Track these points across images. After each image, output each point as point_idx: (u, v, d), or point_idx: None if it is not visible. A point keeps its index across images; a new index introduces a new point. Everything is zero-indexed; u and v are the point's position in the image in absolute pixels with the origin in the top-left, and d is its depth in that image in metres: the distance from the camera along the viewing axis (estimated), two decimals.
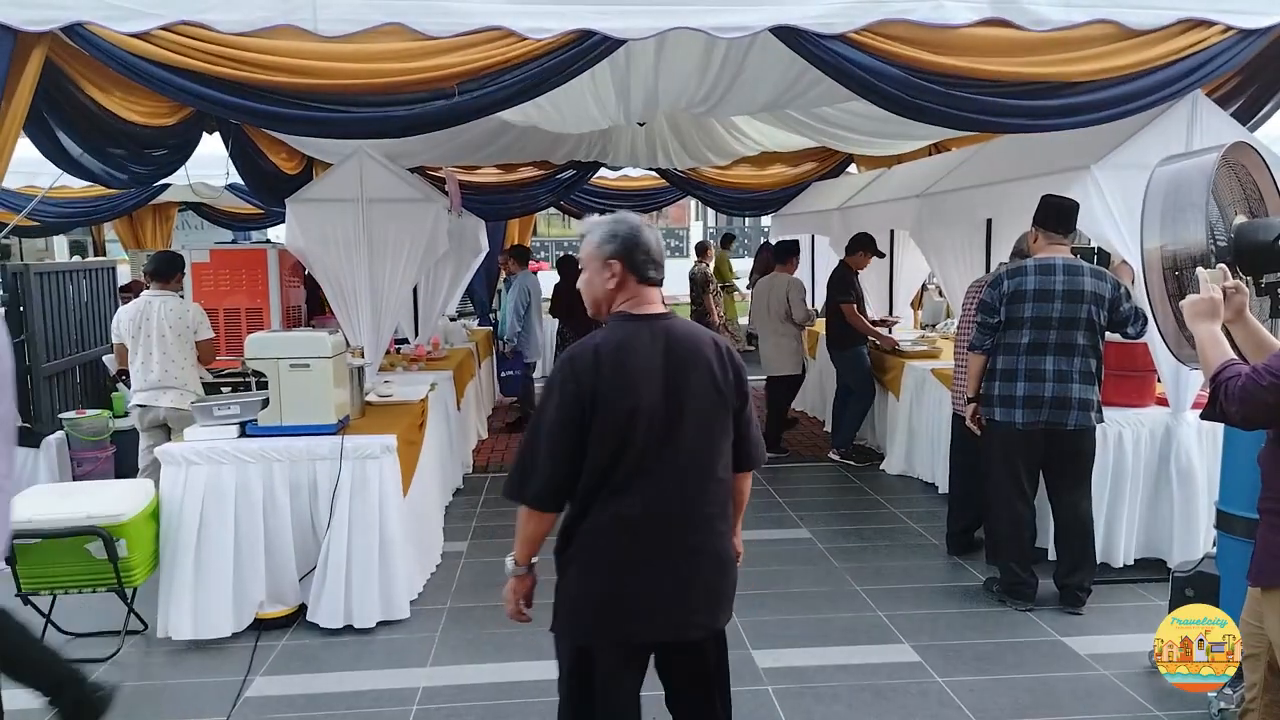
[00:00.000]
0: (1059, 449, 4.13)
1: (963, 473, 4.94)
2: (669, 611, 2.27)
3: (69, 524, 3.67)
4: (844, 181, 8.93)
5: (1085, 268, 4.07)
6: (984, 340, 4.21)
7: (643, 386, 2.17)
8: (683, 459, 2.22)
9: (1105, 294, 4.03)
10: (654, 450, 2.18)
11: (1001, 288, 4.12)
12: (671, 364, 2.21)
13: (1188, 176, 2.59)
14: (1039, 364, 4.06)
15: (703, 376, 2.24)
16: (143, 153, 4.78)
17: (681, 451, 2.21)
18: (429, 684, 3.60)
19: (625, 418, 2.15)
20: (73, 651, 3.91)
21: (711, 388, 2.25)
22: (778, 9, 3.66)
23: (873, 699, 3.46)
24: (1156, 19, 3.86)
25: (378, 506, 4.06)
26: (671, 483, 2.21)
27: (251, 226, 11.09)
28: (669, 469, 2.20)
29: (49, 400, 5.95)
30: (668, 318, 2.28)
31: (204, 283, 5.19)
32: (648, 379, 2.18)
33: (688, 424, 2.21)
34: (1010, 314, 4.10)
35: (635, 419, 2.15)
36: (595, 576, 2.28)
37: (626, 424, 2.15)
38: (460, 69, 3.63)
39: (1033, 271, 4.07)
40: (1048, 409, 4.06)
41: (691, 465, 2.23)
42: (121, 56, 3.52)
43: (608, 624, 2.28)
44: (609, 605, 2.27)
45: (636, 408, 2.15)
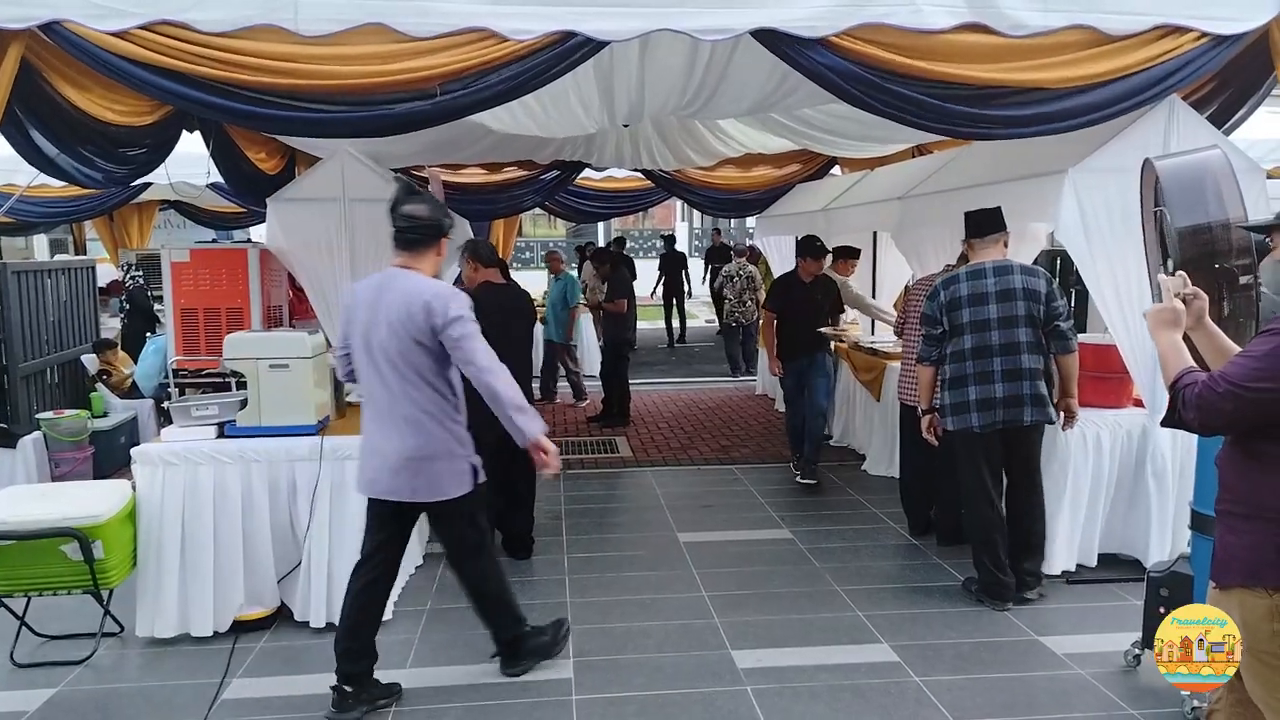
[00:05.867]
0: (1017, 444, 4.25)
1: (912, 459, 5.24)
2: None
3: (44, 525, 3.64)
4: (828, 183, 8.96)
5: (1015, 266, 4.22)
6: (930, 352, 4.36)
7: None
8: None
9: (1040, 289, 4.17)
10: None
11: (939, 299, 4.27)
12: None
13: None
14: (986, 366, 4.18)
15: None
16: (120, 152, 4.73)
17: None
18: (408, 685, 3.59)
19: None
20: (47, 654, 3.89)
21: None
22: (759, 12, 3.67)
23: (852, 698, 3.47)
24: (1133, 25, 3.89)
25: (357, 508, 4.04)
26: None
27: (233, 225, 11.02)
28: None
29: (26, 400, 5.90)
30: None
31: (184, 283, 5.13)
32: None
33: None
34: (951, 322, 4.24)
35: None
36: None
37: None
38: (442, 70, 3.62)
39: (965, 278, 4.24)
40: (1002, 409, 4.17)
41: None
42: (101, 55, 3.49)
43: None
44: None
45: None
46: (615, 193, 10.68)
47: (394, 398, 3.29)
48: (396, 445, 3.29)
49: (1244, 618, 2.08)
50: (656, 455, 7.35)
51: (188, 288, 5.15)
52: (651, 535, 5.34)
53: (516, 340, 4.97)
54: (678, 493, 6.31)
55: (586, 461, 7.26)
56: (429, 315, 3.20)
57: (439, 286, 3.32)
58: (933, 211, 5.93)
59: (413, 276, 3.32)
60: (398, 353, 3.25)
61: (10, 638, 3.87)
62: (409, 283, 3.29)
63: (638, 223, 26.09)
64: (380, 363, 3.28)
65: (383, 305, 3.27)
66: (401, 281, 3.30)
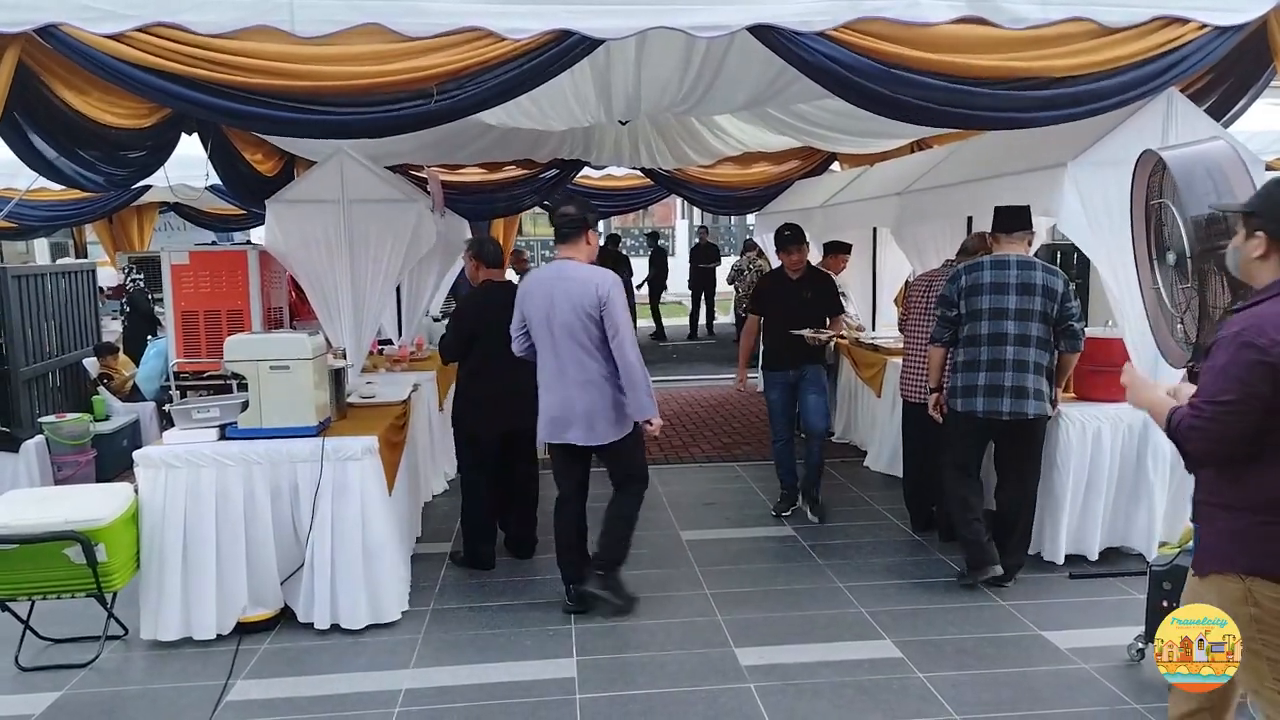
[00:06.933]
0: (1018, 436, 4.33)
1: (915, 455, 5.25)
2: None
3: (47, 529, 3.64)
4: (827, 179, 8.94)
5: (1038, 263, 4.31)
6: (943, 333, 4.44)
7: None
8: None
9: (1057, 288, 4.24)
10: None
11: (960, 282, 4.35)
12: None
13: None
14: (999, 354, 4.25)
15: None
16: (120, 155, 4.73)
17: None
18: (411, 686, 3.60)
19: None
20: (52, 657, 3.89)
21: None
22: (756, 7, 3.65)
23: (855, 695, 3.47)
24: (1132, 16, 3.88)
25: (360, 508, 4.05)
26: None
27: (234, 228, 11.03)
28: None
29: (28, 404, 5.91)
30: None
31: (184, 285, 5.14)
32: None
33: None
34: (969, 307, 4.31)
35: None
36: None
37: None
38: (439, 70, 3.61)
39: (988, 266, 4.32)
40: (1009, 398, 4.24)
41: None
42: (97, 58, 3.48)
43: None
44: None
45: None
46: (614, 191, 10.68)
47: (573, 365, 4.01)
48: (577, 403, 4.03)
49: (1221, 604, 2.13)
50: (658, 453, 7.34)
51: (188, 290, 5.16)
52: (654, 533, 5.33)
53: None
54: (680, 490, 6.30)
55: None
56: (598, 294, 3.95)
57: (603, 272, 4.07)
58: (932, 206, 5.92)
59: (580, 265, 4.09)
60: (580, 328, 3.97)
61: (14, 641, 3.87)
62: (579, 271, 4.05)
63: (638, 221, 26.04)
64: (561, 338, 4.00)
65: (561, 290, 4.00)
66: (572, 270, 4.06)
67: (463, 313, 5.05)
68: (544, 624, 4.15)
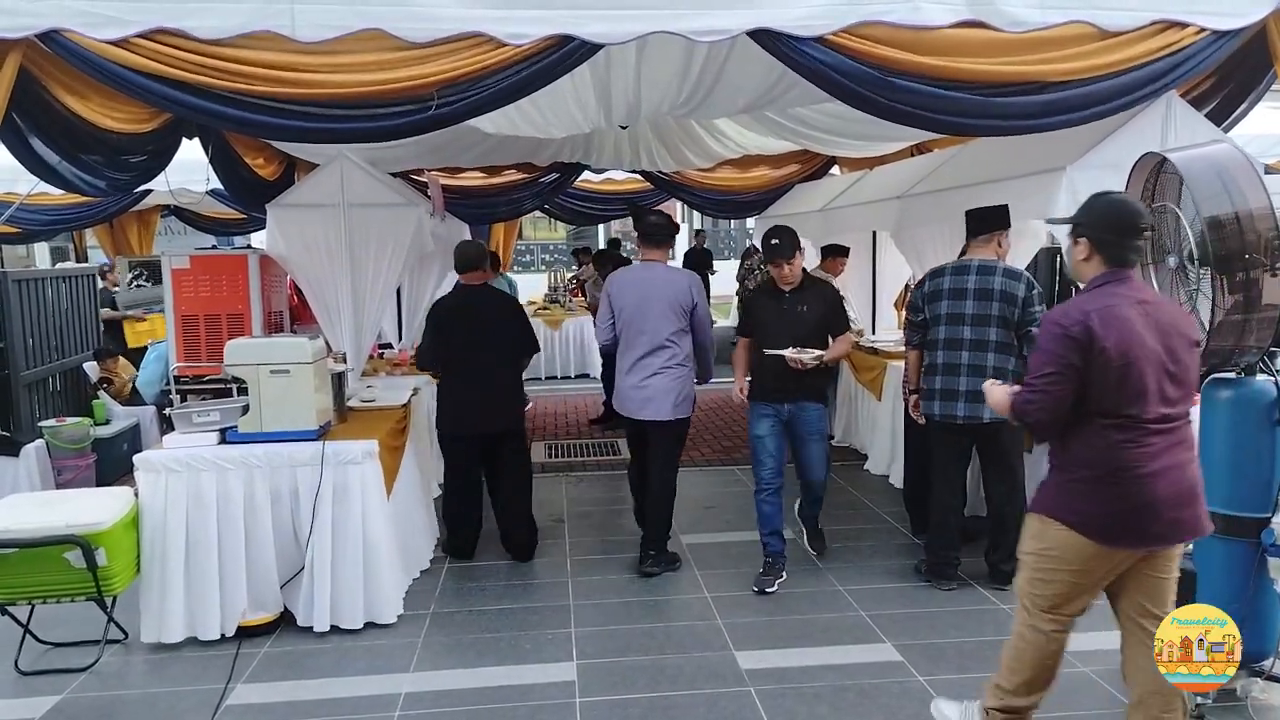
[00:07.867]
0: (984, 442, 4.40)
1: (916, 458, 5.26)
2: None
3: (47, 533, 3.64)
4: (826, 183, 8.94)
5: (999, 268, 4.33)
6: (912, 337, 4.58)
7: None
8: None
9: (1018, 294, 4.26)
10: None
11: (924, 288, 4.49)
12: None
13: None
14: (955, 358, 4.34)
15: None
16: (121, 160, 4.74)
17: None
18: (411, 690, 3.60)
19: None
20: (52, 661, 3.89)
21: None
22: (755, 12, 3.66)
23: (856, 699, 3.47)
24: (1132, 20, 3.89)
25: (360, 512, 4.05)
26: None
27: (234, 232, 11.04)
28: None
29: (28, 408, 5.91)
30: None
31: (184, 289, 5.14)
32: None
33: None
34: (931, 312, 4.42)
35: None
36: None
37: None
38: (440, 76, 3.62)
39: (949, 272, 4.41)
40: (964, 402, 4.30)
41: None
42: (99, 63, 3.49)
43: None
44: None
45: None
46: (614, 194, 10.68)
47: (657, 351, 4.59)
48: (655, 384, 4.60)
49: (1030, 533, 2.80)
50: None
51: (188, 294, 5.16)
52: None
53: (497, 345, 4.83)
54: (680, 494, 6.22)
55: (588, 464, 7.26)
56: (691, 293, 4.62)
57: (687, 272, 4.84)
58: (932, 210, 5.92)
59: (667, 267, 4.76)
60: (672, 319, 4.59)
61: (15, 645, 3.87)
62: (669, 272, 4.73)
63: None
64: (651, 328, 4.59)
65: (652, 287, 4.61)
66: (661, 271, 4.70)
67: (433, 319, 4.92)
68: (544, 627, 4.15)
